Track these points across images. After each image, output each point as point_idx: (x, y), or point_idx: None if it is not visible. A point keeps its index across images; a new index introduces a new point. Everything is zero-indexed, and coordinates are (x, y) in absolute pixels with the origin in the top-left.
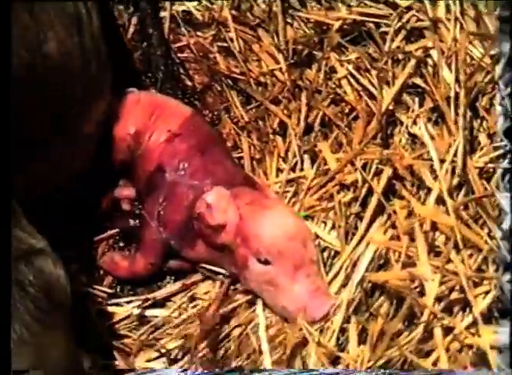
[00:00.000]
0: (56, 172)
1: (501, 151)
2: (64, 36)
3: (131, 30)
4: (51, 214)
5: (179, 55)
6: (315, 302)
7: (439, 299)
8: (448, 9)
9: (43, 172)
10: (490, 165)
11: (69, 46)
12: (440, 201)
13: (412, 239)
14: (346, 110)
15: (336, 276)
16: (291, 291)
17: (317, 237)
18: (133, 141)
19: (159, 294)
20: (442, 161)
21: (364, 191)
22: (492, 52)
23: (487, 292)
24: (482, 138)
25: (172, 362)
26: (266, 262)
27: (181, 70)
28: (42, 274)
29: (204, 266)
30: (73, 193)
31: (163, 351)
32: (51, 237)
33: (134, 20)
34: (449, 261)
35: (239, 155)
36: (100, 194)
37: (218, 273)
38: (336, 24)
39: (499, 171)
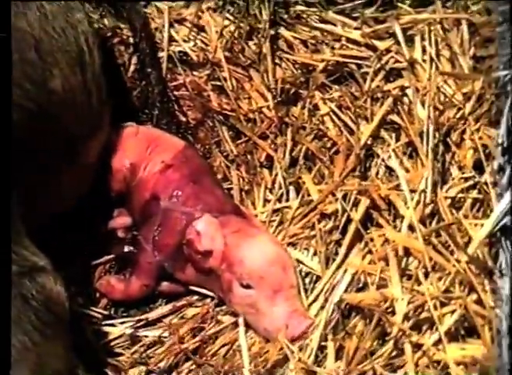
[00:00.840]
0: (57, 199)
1: (471, 183)
2: (68, 73)
3: (131, 69)
4: (51, 238)
5: (175, 92)
6: (294, 322)
7: (408, 318)
8: (424, 51)
9: (45, 199)
10: (460, 195)
11: (73, 83)
12: (414, 229)
13: (387, 264)
14: (329, 145)
15: (316, 298)
16: (271, 313)
17: (299, 263)
18: (129, 172)
19: (151, 315)
20: (414, 191)
21: (343, 219)
22: (464, 90)
23: (453, 311)
24: (453, 170)
25: None
26: (248, 287)
27: (176, 107)
28: (44, 289)
29: (193, 288)
30: (73, 220)
31: (154, 368)
32: (51, 260)
33: (134, 60)
34: (419, 283)
35: (228, 186)
36: (97, 223)
37: (207, 296)
38: (321, 65)
39: (469, 201)
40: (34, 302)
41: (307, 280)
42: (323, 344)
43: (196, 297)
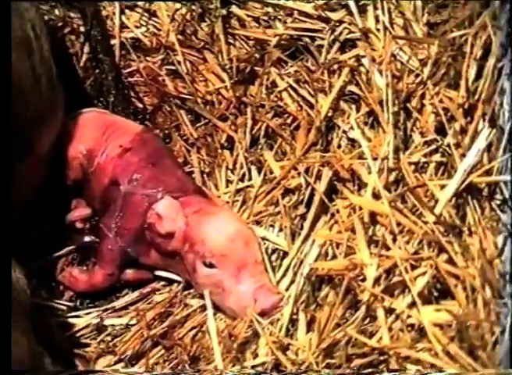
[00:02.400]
0: (14, 192)
1: (433, 147)
2: (14, 58)
3: (84, 58)
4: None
5: (129, 79)
6: (261, 297)
7: (379, 283)
8: (377, 20)
9: None
10: (423, 159)
11: (20, 68)
12: (379, 196)
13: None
14: (289, 121)
15: (284, 274)
16: (236, 291)
17: (265, 240)
18: (85, 159)
19: (117, 303)
20: (376, 159)
21: (307, 193)
22: (421, 56)
23: (424, 273)
24: (415, 136)
25: (130, 365)
26: (211, 266)
27: (132, 93)
28: None
29: (159, 273)
30: (31, 211)
31: (122, 356)
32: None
33: (86, 49)
34: (388, 249)
35: (189, 169)
36: (55, 214)
37: (174, 282)
38: (274, 40)
39: (432, 164)
40: None
41: (274, 257)
42: (294, 317)
43: (162, 283)
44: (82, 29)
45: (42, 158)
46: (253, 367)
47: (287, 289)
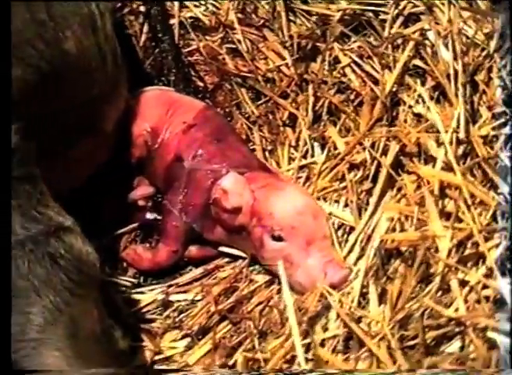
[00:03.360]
0: (78, 169)
1: (502, 120)
2: (81, 35)
3: (143, 38)
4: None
5: (189, 58)
6: (330, 271)
7: (451, 255)
8: None
9: (66, 169)
10: (492, 132)
11: (86, 45)
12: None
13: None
14: (352, 97)
15: (351, 249)
16: (305, 265)
17: (331, 215)
18: (150, 136)
19: (182, 279)
20: (446, 132)
21: (373, 168)
22: (486, 30)
23: (498, 244)
24: (483, 110)
25: (197, 340)
26: (280, 239)
27: (192, 72)
28: (72, 249)
29: (224, 250)
30: (95, 189)
31: (189, 331)
32: None
33: (145, 29)
34: (459, 221)
35: (252, 147)
36: (119, 192)
37: (238, 258)
38: (337, 15)
39: (502, 137)
40: (63, 262)
41: (340, 233)
42: (365, 291)
43: (226, 259)
44: (141, 9)
45: (107, 136)
46: (323, 341)
47: (355, 264)
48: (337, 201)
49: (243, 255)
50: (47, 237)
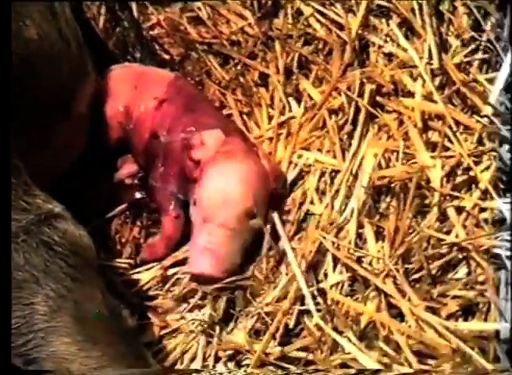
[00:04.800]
0: (58, 156)
1: (472, 46)
2: (41, 21)
3: (102, 19)
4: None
5: (151, 33)
6: (202, 258)
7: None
8: None
9: (48, 157)
10: (465, 59)
11: (47, 30)
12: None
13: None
14: (320, 46)
15: (338, 190)
16: (193, 239)
17: (316, 162)
18: (123, 116)
19: (177, 253)
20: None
21: (351, 112)
22: None
23: (488, 167)
24: (452, 39)
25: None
26: (194, 204)
27: (156, 47)
28: (66, 235)
29: None
30: (78, 175)
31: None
32: None
33: (103, 10)
34: (446, 150)
35: (228, 112)
36: (103, 175)
37: None
38: None
39: (476, 63)
40: (59, 248)
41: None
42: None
43: None
44: None
45: (82, 118)
46: (330, 287)
47: (343, 204)
48: (320, 150)
49: None
50: (39, 226)
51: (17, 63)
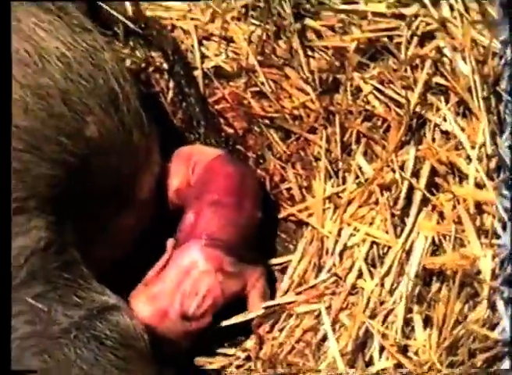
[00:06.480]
0: (117, 245)
1: None
2: (103, 117)
3: (170, 94)
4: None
5: (216, 107)
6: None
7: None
8: (452, 8)
9: (105, 246)
10: None
11: (109, 125)
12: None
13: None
14: (379, 123)
15: (389, 269)
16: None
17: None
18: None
19: None
20: (473, 147)
21: (404, 188)
22: (501, 37)
23: None
24: (510, 119)
25: None
26: None
27: (221, 120)
28: (117, 327)
29: None
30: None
31: None
32: None
33: (171, 84)
34: (498, 237)
35: (287, 186)
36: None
37: None
38: (352, 45)
39: None
40: (109, 342)
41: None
42: (408, 317)
43: None
44: (165, 66)
45: (145, 207)
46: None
47: (393, 285)
48: (371, 224)
49: None
50: (91, 320)
51: (78, 162)
